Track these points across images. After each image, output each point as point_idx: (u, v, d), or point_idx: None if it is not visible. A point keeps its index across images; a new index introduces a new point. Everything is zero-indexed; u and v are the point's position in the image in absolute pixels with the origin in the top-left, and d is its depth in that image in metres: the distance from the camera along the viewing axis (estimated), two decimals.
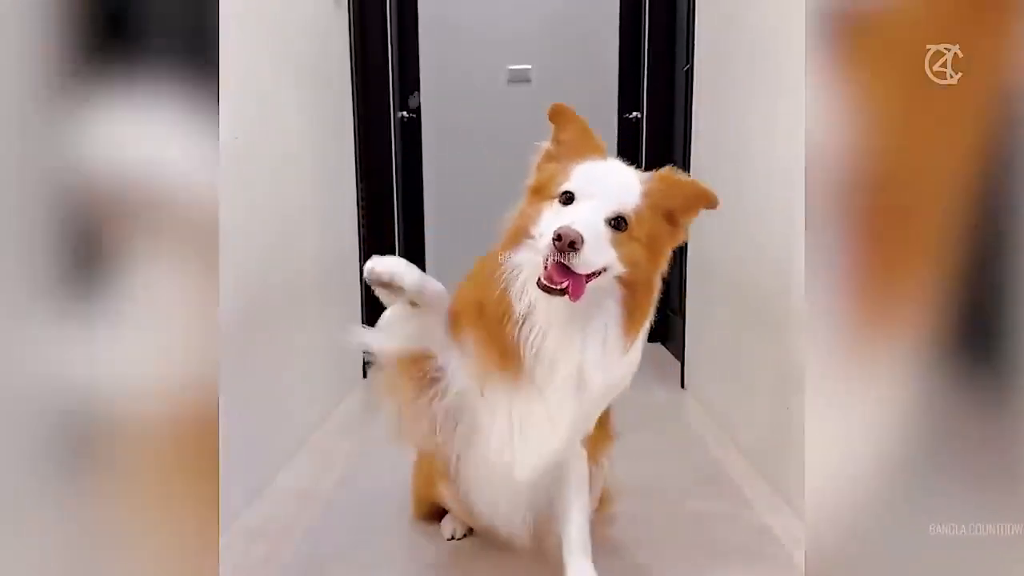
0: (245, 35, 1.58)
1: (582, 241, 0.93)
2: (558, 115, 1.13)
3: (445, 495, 1.35)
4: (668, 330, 3.17)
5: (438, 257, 4.12)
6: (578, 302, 0.97)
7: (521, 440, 1.11)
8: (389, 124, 3.14)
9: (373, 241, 3.08)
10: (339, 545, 1.42)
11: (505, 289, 1.05)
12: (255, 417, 1.65)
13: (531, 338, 1.04)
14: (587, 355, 1.04)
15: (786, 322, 1.58)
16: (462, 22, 3.93)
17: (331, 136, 2.31)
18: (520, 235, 1.06)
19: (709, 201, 1.10)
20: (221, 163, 1.39)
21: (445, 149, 4.03)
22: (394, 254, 1.06)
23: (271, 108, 1.76)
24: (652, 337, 1.30)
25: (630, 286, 1.04)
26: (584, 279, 0.97)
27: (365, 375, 2.70)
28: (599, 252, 0.98)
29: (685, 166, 2.44)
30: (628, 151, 3.79)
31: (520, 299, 1.04)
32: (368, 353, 1.14)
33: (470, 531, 1.43)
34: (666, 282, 1.11)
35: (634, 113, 3.63)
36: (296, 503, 1.62)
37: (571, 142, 1.11)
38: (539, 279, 0.97)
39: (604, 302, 1.04)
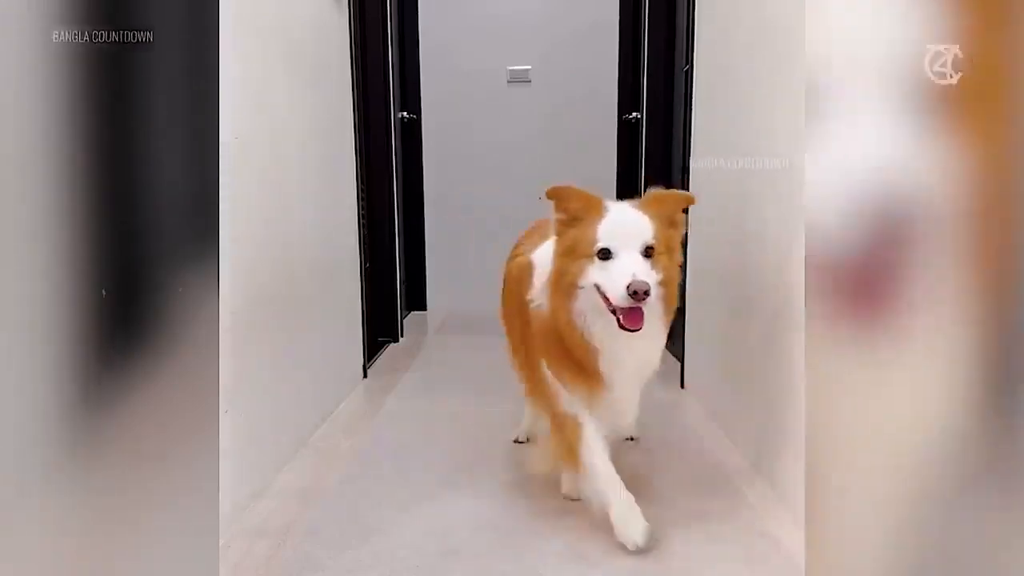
0: (245, 35, 1.58)
1: (650, 289, 1.24)
2: (556, 194, 1.39)
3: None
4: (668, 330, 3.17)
5: (438, 257, 4.12)
6: None
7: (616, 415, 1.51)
8: (389, 124, 3.14)
9: (373, 241, 3.09)
10: (340, 545, 1.42)
11: (573, 326, 1.37)
12: (255, 417, 1.65)
13: (604, 356, 1.39)
14: (645, 354, 1.44)
15: (785, 322, 1.58)
16: (462, 22, 3.94)
17: (332, 136, 2.31)
18: (571, 287, 1.36)
19: (689, 200, 1.47)
20: (221, 163, 1.39)
21: (445, 149, 4.04)
22: (394, 254, 1.07)
23: (271, 108, 1.77)
24: None
25: (665, 284, 1.36)
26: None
27: (365, 375, 2.71)
28: (653, 284, 1.27)
29: (684, 167, 2.44)
30: (628, 152, 3.80)
31: (592, 333, 1.37)
32: None
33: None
34: None
35: (634, 113, 3.63)
36: (297, 502, 1.63)
37: (578, 210, 1.37)
38: (620, 323, 1.29)
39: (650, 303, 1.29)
